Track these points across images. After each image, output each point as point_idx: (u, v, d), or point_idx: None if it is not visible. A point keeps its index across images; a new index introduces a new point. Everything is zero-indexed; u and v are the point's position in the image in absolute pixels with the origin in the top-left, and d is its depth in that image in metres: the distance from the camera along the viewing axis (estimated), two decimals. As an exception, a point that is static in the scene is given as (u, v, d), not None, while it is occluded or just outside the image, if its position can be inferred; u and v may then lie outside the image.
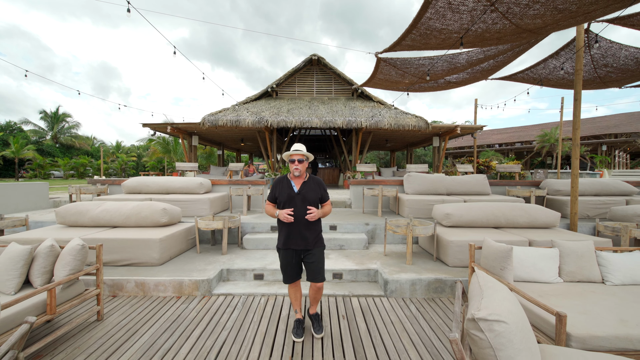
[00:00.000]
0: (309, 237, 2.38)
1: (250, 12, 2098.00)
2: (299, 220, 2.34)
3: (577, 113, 4.76)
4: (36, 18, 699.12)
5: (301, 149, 2.45)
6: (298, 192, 2.40)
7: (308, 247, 2.38)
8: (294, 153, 2.43)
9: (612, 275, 2.70)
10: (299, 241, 2.37)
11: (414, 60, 5.10)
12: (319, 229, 2.49)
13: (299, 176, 2.45)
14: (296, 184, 2.45)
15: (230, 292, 3.35)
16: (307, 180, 2.47)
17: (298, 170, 2.41)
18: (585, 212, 5.51)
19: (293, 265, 2.42)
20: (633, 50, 5.14)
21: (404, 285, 3.34)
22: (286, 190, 2.41)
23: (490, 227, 4.38)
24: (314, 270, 2.39)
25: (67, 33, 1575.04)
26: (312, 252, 2.39)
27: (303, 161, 2.43)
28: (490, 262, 2.65)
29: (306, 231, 2.37)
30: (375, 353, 2.31)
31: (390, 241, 4.85)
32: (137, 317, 2.85)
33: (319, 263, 2.41)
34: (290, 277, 2.45)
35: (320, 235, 2.49)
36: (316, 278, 2.39)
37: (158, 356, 2.25)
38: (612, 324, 1.99)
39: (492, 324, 1.23)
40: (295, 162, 2.41)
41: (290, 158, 2.43)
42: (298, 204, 2.36)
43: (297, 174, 2.42)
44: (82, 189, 6.03)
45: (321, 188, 2.50)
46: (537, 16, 3.29)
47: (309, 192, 2.40)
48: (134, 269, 3.62)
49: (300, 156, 2.42)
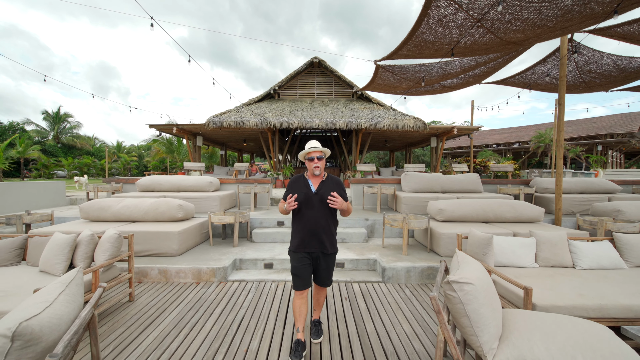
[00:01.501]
0: (326, 240, 2.23)
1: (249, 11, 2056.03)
2: (316, 222, 2.19)
3: (561, 116, 5.14)
4: (34, 17, 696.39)
5: (317, 145, 2.27)
6: (316, 192, 2.23)
7: (324, 251, 2.24)
8: (311, 150, 2.25)
9: (582, 261, 3.08)
10: (315, 244, 2.21)
11: (410, 67, 5.48)
12: (336, 231, 2.36)
13: (318, 175, 2.28)
14: (314, 183, 2.28)
15: (244, 279, 3.73)
16: (325, 179, 2.30)
17: (319, 169, 2.24)
18: (570, 208, 5.89)
19: (307, 269, 2.23)
20: (614, 57, 5.52)
21: (399, 272, 3.72)
22: (303, 190, 2.24)
23: (480, 221, 4.76)
24: (325, 275, 2.30)
25: (65, 32, 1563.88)
26: (328, 256, 2.27)
27: (322, 158, 2.26)
28: (474, 249, 3.03)
29: (323, 234, 2.22)
30: (374, 325, 2.69)
31: (388, 235, 5.23)
32: (163, 298, 3.23)
33: (331, 268, 2.32)
34: (303, 282, 2.22)
35: (335, 239, 2.34)
36: (325, 283, 2.31)
37: (188, 328, 2.62)
38: (572, 297, 2.37)
39: (462, 285, 1.60)
40: (315, 159, 2.24)
41: (309, 156, 2.26)
42: (315, 205, 2.21)
43: (317, 173, 2.25)
44: (99, 187, 6.40)
45: (340, 188, 2.30)
46: (519, 31, 3.68)
47: (328, 192, 2.21)
48: (155, 259, 3.99)
49: (319, 153, 2.25)
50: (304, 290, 2.24)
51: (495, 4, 3.11)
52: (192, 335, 2.51)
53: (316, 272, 2.31)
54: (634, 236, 3.22)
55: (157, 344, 2.38)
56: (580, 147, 23.24)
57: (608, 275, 2.86)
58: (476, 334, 1.55)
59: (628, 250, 3.17)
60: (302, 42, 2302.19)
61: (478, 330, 1.55)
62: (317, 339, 2.38)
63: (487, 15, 3.36)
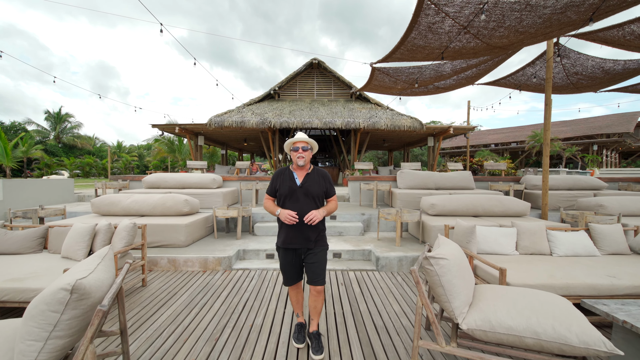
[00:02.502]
0: (311, 236, 2.14)
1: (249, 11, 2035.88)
2: (301, 217, 2.08)
3: (547, 116, 5.42)
4: (33, 17, 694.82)
5: (304, 137, 2.20)
6: (300, 185, 2.15)
7: (309, 247, 2.15)
8: (297, 140, 2.18)
9: (558, 249, 3.36)
10: (299, 240, 2.13)
11: (404, 69, 5.75)
12: (323, 227, 2.24)
13: (303, 167, 2.20)
14: (299, 176, 2.20)
15: (247, 267, 4.00)
16: (310, 172, 2.22)
17: (303, 159, 2.15)
18: (557, 204, 6.17)
19: (293, 265, 2.19)
20: (599, 60, 5.80)
21: (392, 261, 4.00)
22: (287, 183, 2.16)
23: (470, 215, 5.03)
24: (314, 272, 2.15)
25: (64, 32, 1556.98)
26: (314, 252, 2.16)
27: (308, 149, 2.18)
28: (459, 238, 3.30)
29: (308, 229, 2.12)
30: (367, 305, 2.96)
31: (383, 229, 5.50)
32: (173, 284, 3.50)
33: (321, 264, 2.17)
34: (291, 278, 2.22)
35: (324, 234, 2.25)
36: (316, 281, 2.16)
37: (197, 308, 2.89)
38: (543, 277, 2.64)
39: (438, 260, 1.87)
40: (300, 150, 2.16)
41: (294, 146, 2.19)
42: (300, 198, 2.13)
43: (301, 164, 2.16)
44: (107, 184, 6.67)
45: (326, 181, 2.24)
46: (503, 37, 3.95)
47: (313, 185, 2.16)
48: (164, 250, 4.26)
49: (305, 143, 2.17)
50: (294, 285, 2.27)
51: (479, 12, 3.39)
52: (202, 313, 2.78)
53: (307, 271, 2.19)
54: (607, 226, 3.50)
55: (172, 320, 2.65)
56: (576, 146, 23.52)
57: (580, 261, 3.13)
58: (449, 301, 1.83)
59: (602, 240, 3.44)
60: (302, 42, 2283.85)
61: (451, 297, 1.83)
62: (318, 355, 2.11)
63: (472, 22, 3.63)
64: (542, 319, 1.68)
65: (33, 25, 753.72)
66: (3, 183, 5.63)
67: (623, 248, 3.40)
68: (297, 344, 2.26)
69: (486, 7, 3.31)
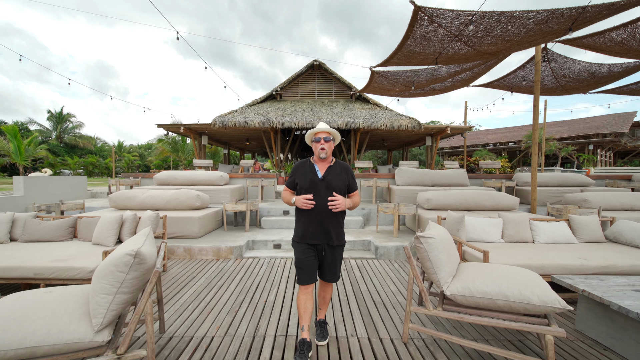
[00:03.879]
0: (332, 232, 2.05)
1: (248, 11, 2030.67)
2: (322, 211, 2.01)
3: (535, 117, 5.77)
4: (31, 16, 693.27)
5: (326, 127, 2.10)
6: (322, 178, 2.05)
7: (330, 243, 2.06)
8: (319, 130, 2.08)
9: (540, 237, 3.71)
10: (319, 235, 2.03)
11: (401, 73, 6.11)
12: (343, 222, 2.16)
13: (325, 159, 2.09)
14: (320, 168, 2.11)
15: (257, 256, 4.36)
16: (332, 164, 2.12)
17: (324, 152, 2.05)
18: (546, 199, 6.53)
19: (311, 262, 2.05)
20: (584, 64, 6.17)
21: (390, 250, 4.35)
22: (309, 175, 2.06)
23: (463, 209, 5.39)
24: (330, 270, 2.11)
25: (63, 32, 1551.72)
26: (334, 249, 2.09)
27: (330, 140, 2.08)
28: (450, 227, 3.66)
29: (329, 224, 2.04)
30: (366, 286, 3.32)
31: (382, 222, 5.86)
32: (191, 269, 3.85)
33: (339, 262, 2.13)
34: (307, 275, 2.05)
35: (343, 230, 2.17)
36: (332, 278, 2.14)
37: (216, 288, 3.24)
38: (522, 259, 3.00)
39: (427, 239, 2.23)
40: (322, 140, 2.05)
41: (315, 137, 2.08)
42: (321, 192, 2.02)
43: (323, 156, 2.06)
44: (120, 181, 7.02)
45: (349, 175, 2.15)
46: (492, 44, 4.31)
47: (335, 178, 2.05)
48: (179, 240, 4.61)
49: (326, 134, 2.07)
50: (309, 285, 2.07)
51: (468, 23, 3.75)
52: (220, 292, 3.14)
53: (321, 266, 2.12)
54: (585, 217, 3.86)
55: (194, 297, 3.00)
56: (572, 146, 23.91)
57: (558, 247, 3.49)
58: (436, 273, 2.18)
59: (580, 229, 3.80)
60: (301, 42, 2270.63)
61: (437, 269, 2.18)
62: (322, 341, 2.18)
63: (462, 32, 3.99)
64: (511, 285, 2.03)
65: (31, 24, 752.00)
66: (24, 180, 5.98)
67: (599, 236, 3.76)
68: None
69: (474, 18, 3.66)
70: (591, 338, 2.35)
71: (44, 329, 1.53)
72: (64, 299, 1.73)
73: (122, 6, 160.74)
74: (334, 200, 1.97)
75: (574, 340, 2.34)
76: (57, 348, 1.52)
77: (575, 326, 2.51)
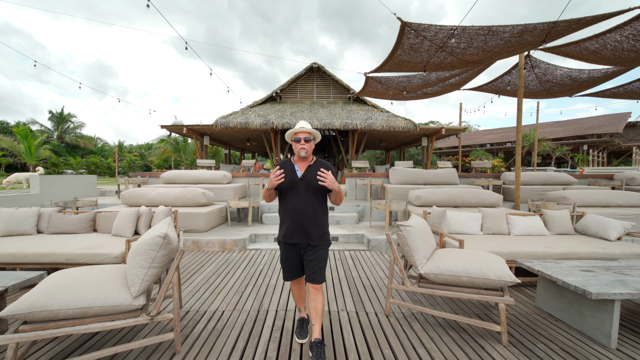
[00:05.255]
0: (313, 232, 2.04)
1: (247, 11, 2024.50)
2: (301, 211, 2.01)
3: (519, 120, 6.17)
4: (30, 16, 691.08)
5: (306, 126, 2.10)
6: (302, 178, 2.05)
7: (310, 243, 2.05)
8: (299, 130, 2.07)
9: (515, 229, 4.11)
10: (300, 235, 2.03)
11: (394, 78, 6.50)
12: (325, 222, 2.14)
13: (305, 158, 2.09)
14: (300, 167, 2.09)
15: (259, 248, 4.75)
16: (312, 163, 2.11)
17: (305, 150, 2.05)
18: (530, 197, 6.94)
19: (292, 261, 2.11)
20: (566, 69, 6.57)
21: (381, 243, 4.75)
22: (288, 175, 2.04)
23: (450, 206, 5.78)
24: (313, 269, 2.04)
25: (61, 31, 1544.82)
26: (314, 248, 2.05)
27: (310, 140, 2.07)
28: (433, 220, 4.05)
29: (310, 224, 2.03)
30: (358, 273, 3.72)
31: (375, 218, 6.26)
32: (199, 259, 4.24)
33: (321, 262, 2.06)
34: (290, 274, 2.14)
35: (327, 230, 2.14)
36: (315, 279, 2.05)
37: (223, 274, 3.64)
38: (494, 248, 3.39)
39: (405, 227, 2.62)
40: (302, 140, 2.05)
41: (295, 137, 2.08)
42: (301, 191, 2.02)
43: (303, 155, 2.06)
44: (129, 180, 7.42)
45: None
46: (474, 54, 4.71)
47: (314, 177, 2.00)
48: (187, 234, 5.00)
49: (307, 134, 2.07)
50: (294, 280, 2.21)
51: (450, 36, 4.15)
52: (228, 278, 3.53)
53: (305, 266, 2.10)
54: (556, 212, 4.26)
55: (205, 281, 3.40)
56: (566, 146, 24.34)
57: (531, 238, 3.89)
58: (412, 255, 2.58)
59: (552, 222, 4.20)
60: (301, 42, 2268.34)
61: (414, 252, 2.58)
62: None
63: (446, 43, 4.39)
64: (474, 264, 2.43)
65: (30, 23, 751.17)
66: (40, 179, 6.36)
67: (569, 229, 4.16)
68: (299, 340, 2.20)
69: (456, 32, 4.06)
70: (547, 312, 2.75)
71: (93, 294, 1.92)
72: (106, 273, 2.13)
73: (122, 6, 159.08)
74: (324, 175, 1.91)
75: (532, 314, 2.74)
76: (104, 309, 1.91)
77: (535, 303, 2.91)
